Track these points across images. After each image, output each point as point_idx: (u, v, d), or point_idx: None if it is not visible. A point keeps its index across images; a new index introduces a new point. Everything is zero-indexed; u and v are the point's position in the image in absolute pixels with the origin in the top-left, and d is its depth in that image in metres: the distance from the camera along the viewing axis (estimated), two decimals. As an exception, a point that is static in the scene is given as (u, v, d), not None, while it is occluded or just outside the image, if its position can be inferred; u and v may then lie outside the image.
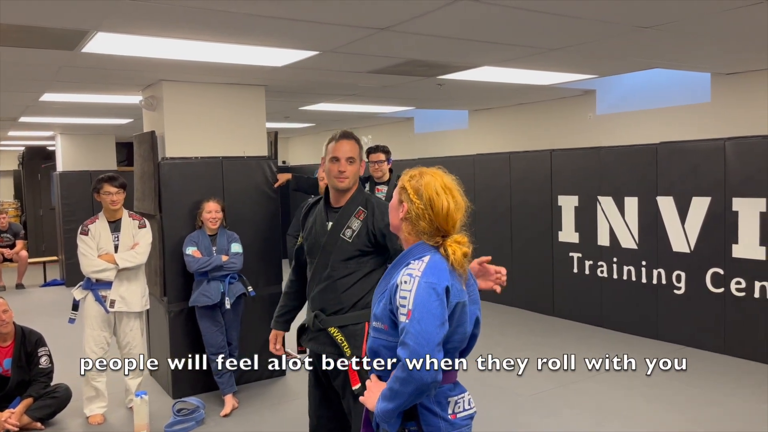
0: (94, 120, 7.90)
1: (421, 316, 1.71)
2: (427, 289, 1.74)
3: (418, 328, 1.70)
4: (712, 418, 4.11)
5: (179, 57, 3.92)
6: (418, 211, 1.84)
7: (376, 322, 1.88)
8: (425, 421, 1.81)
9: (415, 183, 1.87)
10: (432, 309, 1.72)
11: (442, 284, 1.76)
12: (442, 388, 1.84)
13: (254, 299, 4.92)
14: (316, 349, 2.75)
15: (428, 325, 1.70)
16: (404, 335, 1.72)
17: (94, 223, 4.31)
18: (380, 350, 1.86)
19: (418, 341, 1.69)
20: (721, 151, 5.27)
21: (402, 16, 3.12)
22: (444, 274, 1.79)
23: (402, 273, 1.81)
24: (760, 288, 5.07)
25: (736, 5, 3.06)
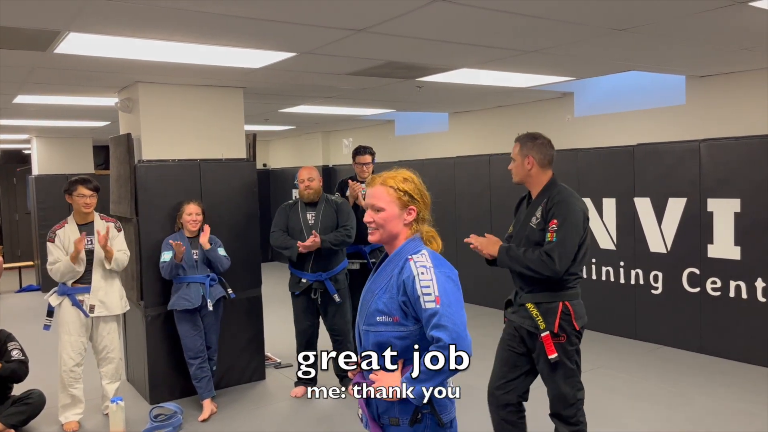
0: (71, 123, 7.79)
1: (450, 301, 1.87)
2: (446, 278, 1.90)
3: (450, 311, 1.85)
4: (688, 417, 4.15)
5: (155, 58, 3.88)
6: (424, 208, 2.03)
7: (382, 317, 1.95)
8: (437, 402, 1.93)
9: (411, 185, 2.03)
10: (456, 295, 1.90)
11: (455, 273, 1.94)
12: None
13: (233, 303, 4.88)
14: (517, 321, 3.06)
15: (458, 308, 1.88)
16: (438, 318, 1.84)
17: (63, 228, 4.22)
18: (390, 341, 1.94)
19: (455, 322, 1.84)
20: (696, 152, 5.34)
21: (378, 18, 3.11)
22: (449, 264, 1.96)
23: (412, 266, 1.91)
24: (735, 287, 5.14)
25: (708, 7, 3.10)
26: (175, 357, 4.69)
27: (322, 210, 4.63)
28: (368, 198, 2.06)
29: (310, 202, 4.65)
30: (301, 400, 4.67)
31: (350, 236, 4.58)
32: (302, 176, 4.67)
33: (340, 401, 4.61)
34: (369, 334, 1.99)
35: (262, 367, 5.20)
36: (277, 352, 5.70)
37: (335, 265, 4.61)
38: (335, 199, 4.75)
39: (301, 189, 4.66)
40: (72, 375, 4.21)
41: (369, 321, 1.99)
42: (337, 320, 4.65)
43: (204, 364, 4.46)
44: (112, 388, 4.38)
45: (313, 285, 4.57)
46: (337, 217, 4.63)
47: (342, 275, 4.68)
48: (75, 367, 4.21)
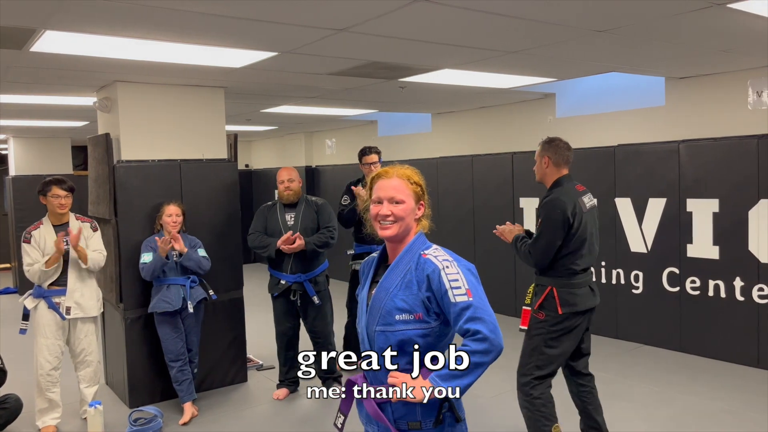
0: (48, 123, 7.67)
1: (480, 294, 1.86)
2: (468, 272, 1.89)
3: (482, 303, 1.84)
4: (668, 415, 4.19)
5: (134, 57, 3.82)
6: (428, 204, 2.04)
7: (402, 315, 1.89)
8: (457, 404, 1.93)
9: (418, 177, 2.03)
10: (480, 287, 1.89)
11: (473, 267, 1.92)
12: None
13: (215, 305, 4.84)
14: None
15: (485, 300, 1.86)
16: (473, 311, 1.81)
17: (38, 228, 4.15)
18: (414, 339, 1.87)
19: (489, 312, 1.83)
20: (675, 153, 5.40)
21: (359, 18, 3.10)
22: (463, 258, 1.94)
23: (434, 260, 1.89)
24: (714, 286, 5.20)
25: (687, 9, 3.12)
26: (155, 360, 4.63)
27: (302, 211, 4.60)
28: (385, 190, 1.97)
29: (290, 203, 4.62)
30: (283, 403, 4.64)
31: (333, 237, 4.56)
32: (282, 177, 4.63)
33: (323, 403, 4.59)
34: (385, 335, 1.91)
35: (243, 369, 5.15)
36: (259, 354, 5.66)
37: (315, 266, 4.57)
38: (315, 200, 4.73)
39: (280, 190, 4.62)
40: (49, 379, 4.14)
41: (385, 321, 1.91)
42: (318, 322, 4.61)
43: (185, 367, 4.41)
44: (90, 392, 4.31)
45: (293, 286, 4.53)
46: (318, 218, 4.60)
47: (322, 277, 4.65)
48: (52, 370, 4.14)
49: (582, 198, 3.35)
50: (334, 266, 4.67)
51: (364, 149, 5.15)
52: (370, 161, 5.08)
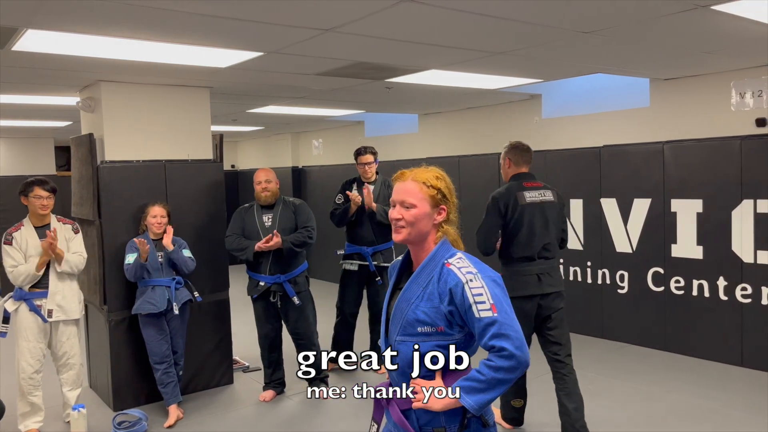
0: (31, 123, 7.58)
1: (505, 308, 1.79)
2: (494, 284, 1.82)
3: (508, 318, 1.78)
4: (651, 414, 4.22)
5: (117, 56, 3.79)
6: (453, 209, 1.93)
7: (424, 327, 1.85)
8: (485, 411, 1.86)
9: (443, 182, 1.94)
10: (506, 299, 1.82)
11: (499, 277, 1.85)
12: None
13: (200, 307, 4.81)
14: None
15: (512, 314, 1.80)
16: (498, 328, 1.76)
17: (19, 230, 4.08)
18: (435, 350, 1.84)
19: (515, 329, 1.77)
20: (659, 153, 5.44)
21: (346, 18, 3.09)
22: (490, 268, 1.87)
23: (457, 272, 1.82)
24: (698, 286, 5.25)
25: (672, 10, 3.15)
26: (139, 362, 4.59)
27: (280, 212, 4.55)
28: (397, 194, 1.92)
29: (267, 204, 4.57)
30: (269, 404, 4.61)
31: (312, 237, 4.52)
32: (259, 178, 4.58)
33: (309, 405, 4.57)
34: (407, 344, 1.87)
35: (230, 371, 5.12)
36: (245, 355, 5.62)
37: (294, 267, 4.52)
38: (293, 200, 4.68)
39: (257, 191, 4.57)
40: (31, 382, 4.08)
41: (407, 332, 1.87)
42: (300, 323, 4.58)
43: (170, 369, 4.37)
44: (73, 395, 4.26)
45: (272, 288, 4.48)
46: (296, 218, 4.57)
47: (302, 278, 4.60)
48: (34, 374, 4.08)
49: (524, 192, 3.71)
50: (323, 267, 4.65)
51: (359, 149, 5.15)
52: (364, 161, 5.08)
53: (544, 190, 3.81)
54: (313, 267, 9.87)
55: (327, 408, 4.52)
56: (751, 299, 4.95)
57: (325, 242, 6.67)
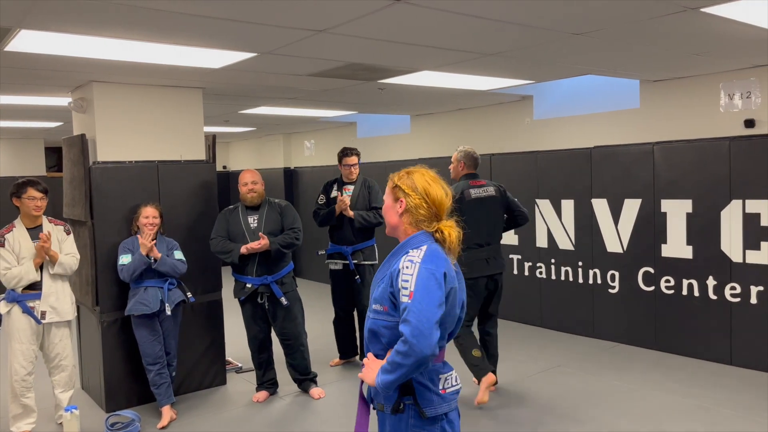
0: (22, 123, 7.53)
1: (422, 297, 1.91)
2: (427, 274, 1.94)
3: (419, 307, 1.90)
4: (642, 411, 4.25)
5: (110, 57, 3.78)
6: (416, 202, 2.07)
7: (376, 305, 2.06)
8: (420, 395, 2.02)
9: (407, 181, 2.12)
10: (432, 291, 1.92)
11: (440, 270, 1.96)
12: (435, 366, 2.06)
13: (193, 308, 4.81)
14: None
15: (428, 305, 1.90)
16: (406, 314, 1.91)
17: (11, 231, 4.04)
18: (379, 330, 2.03)
19: (419, 319, 1.88)
20: (649, 154, 5.49)
21: (339, 19, 3.11)
22: (441, 262, 1.99)
23: (403, 260, 2.00)
24: (688, 285, 5.30)
25: (662, 12, 3.18)
26: (132, 363, 4.58)
27: (265, 213, 4.54)
28: None
29: (253, 205, 4.56)
30: (262, 405, 4.62)
31: (299, 238, 4.53)
32: (245, 179, 4.57)
33: (302, 405, 4.58)
34: (368, 320, 2.10)
35: (222, 372, 5.12)
36: (238, 356, 5.62)
37: (281, 268, 4.52)
38: (279, 202, 4.68)
39: (243, 192, 4.55)
40: (23, 384, 4.06)
41: (371, 309, 2.09)
42: (287, 324, 4.57)
43: (163, 370, 4.36)
44: (66, 396, 4.24)
45: (259, 289, 4.48)
46: (282, 220, 4.57)
47: (288, 278, 4.60)
48: (27, 376, 4.06)
49: (470, 190, 4.47)
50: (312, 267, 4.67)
51: (344, 150, 5.19)
52: (350, 163, 5.14)
53: (487, 186, 4.55)
54: (302, 267, 9.88)
55: (319, 408, 4.52)
56: (740, 298, 5.01)
57: (314, 243, 6.67)
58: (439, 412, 2.03)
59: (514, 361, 5.40)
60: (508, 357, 5.53)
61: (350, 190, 5.19)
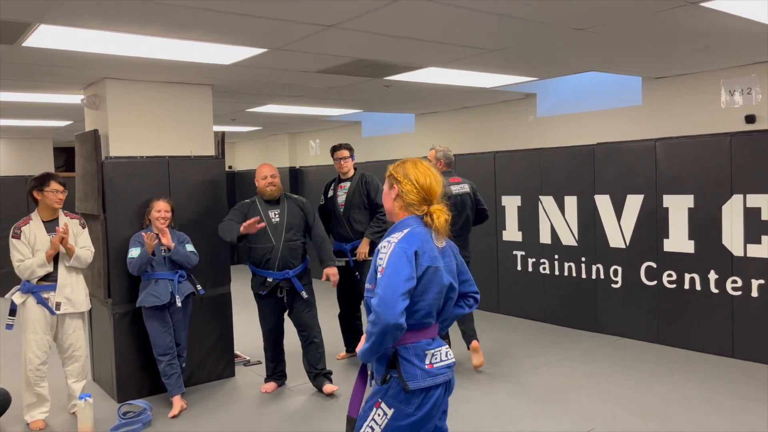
0: (32, 122, 7.64)
1: (392, 272, 2.11)
2: (399, 252, 2.15)
3: (387, 281, 2.10)
4: (643, 403, 4.32)
5: (124, 53, 3.87)
6: (407, 188, 2.29)
7: (368, 284, 2.25)
8: (404, 369, 2.18)
9: (400, 169, 2.34)
10: (400, 267, 2.12)
11: (412, 248, 2.16)
12: (420, 343, 2.22)
13: (202, 300, 4.89)
14: None
15: (396, 278, 2.10)
16: (377, 287, 2.13)
17: (28, 224, 4.13)
18: (370, 305, 2.19)
19: (386, 291, 2.09)
20: (652, 151, 5.56)
21: (348, 14, 3.19)
22: (415, 242, 2.19)
23: (383, 241, 2.24)
24: (689, 279, 5.37)
25: (662, 8, 3.26)
26: (143, 355, 4.66)
27: (287, 207, 4.59)
28: None
29: (271, 199, 4.59)
30: (271, 396, 4.69)
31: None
32: (264, 172, 4.61)
33: (310, 396, 4.65)
34: (365, 297, 2.27)
35: (231, 364, 5.20)
36: (246, 349, 5.70)
37: (300, 262, 4.60)
38: (298, 198, 4.74)
39: (262, 185, 4.58)
40: (37, 374, 4.15)
41: (366, 288, 2.27)
42: (304, 315, 4.63)
43: (173, 361, 4.44)
44: (79, 386, 4.32)
45: (280, 284, 4.53)
46: (306, 215, 4.63)
47: (306, 272, 4.68)
48: (40, 365, 4.15)
49: (451, 187, 4.85)
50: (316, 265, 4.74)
51: (335, 145, 5.33)
52: (340, 156, 5.25)
53: (462, 184, 4.99)
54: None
55: (327, 399, 4.60)
56: (741, 292, 5.07)
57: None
58: (421, 386, 2.18)
59: (517, 355, 5.47)
60: (512, 352, 5.60)
61: (345, 187, 5.28)
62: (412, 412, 2.17)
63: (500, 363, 5.26)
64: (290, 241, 4.52)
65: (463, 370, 5.01)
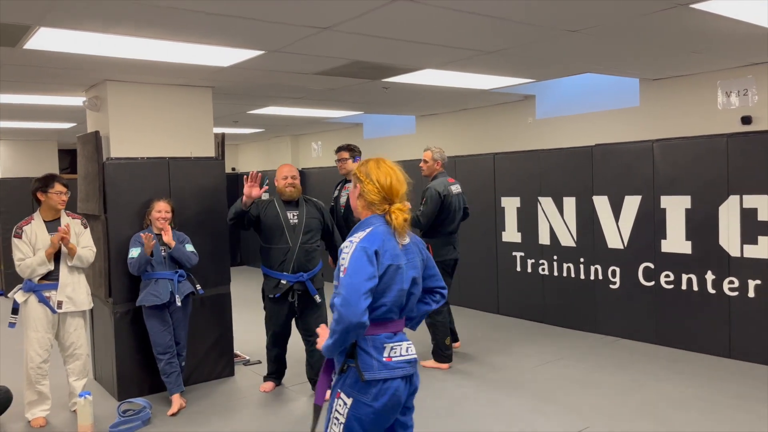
0: (36, 124, 7.73)
1: (353, 272, 2.18)
2: (360, 252, 2.22)
3: (349, 281, 2.17)
4: (640, 401, 4.34)
5: (124, 55, 3.94)
6: (368, 187, 2.36)
7: (334, 282, 2.33)
8: (361, 360, 2.26)
9: (363, 168, 2.44)
10: (361, 266, 2.19)
11: (372, 248, 2.23)
12: (380, 336, 2.29)
13: (202, 300, 4.93)
14: None
15: (357, 278, 2.17)
16: (339, 286, 2.20)
17: (29, 224, 4.20)
18: (334, 303, 2.25)
19: (348, 290, 2.16)
20: (649, 152, 5.59)
21: (342, 16, 3.24)
22: (376, 241, 2.26)
23: (346, 240, 2.30)
24: (687, 280, 5.38)
25: (652, 9, 3.30)
26: (143, 353, 4.71)
27: (305, 209, 4.54)
28: None
29: (290, 200, 4.49)
30: (269, 395, 4.73)
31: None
32: (284, 173, 4.51)
33: (309, 396, 4.69)
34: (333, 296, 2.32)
35: (231, 363, 5.24)
36: (246, 349, 5.75)
37: (314, 265, 4.53)
38: (315, 200, 4.72)
39: (282, 185, 4.48)
40: (39, 371, 4.20)
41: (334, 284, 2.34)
42: (313, 321, 4.52)
43: (173, 360, 4.49)
44: (80, 384, 4.37)
45: (294, 286, 4.45)
46: (324, 218, 4.61)
47: (319, 275, 4.61)
48: (42, 363, 4.20)
49: (450, 187, 5.12)
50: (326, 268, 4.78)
51: (338, 147, 5.36)
52: (340, 158, 5.27)
53: (456, 184, 5.27)
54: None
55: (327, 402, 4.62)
56: (738, 292, 5.09)
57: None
58: (377, 377, 2.25)
59: (516, 355, 5.49)
60: (511, 351, 5.63)
61: (348, 188, 5.32)
62: (369, 402, 2.24)
63: (498, 363, 5.29)
64: (307, 243, 4.47)
65: (461, 370, 5.04)
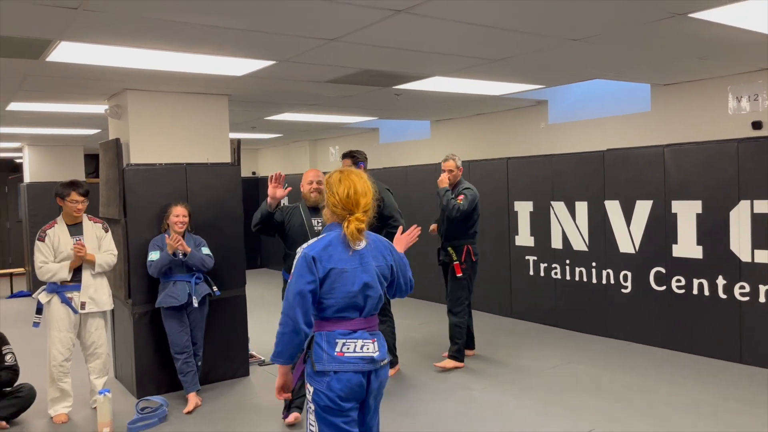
0: (62, 130, 7.99)
1: (295, 279, 2.40)
2: (301, 258, 2.42)
3: (291, 287, 2.40)
4: (648, 404, 4.36)
5: (142, 66, 4.09)
6: (330, 199, 2.53)
7: None
8: (315, 352, 2.45)
9: (329, 179, 2.58)
10: (301, 272, 2.40)
11: (311, 254, 2.42)
12: (334, 332, 2.44)
13: (218, 302, 5.07)
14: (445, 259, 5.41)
15: (296, 283, 2.39)
16: (286, 292, 2.43)
17: (53, 227, 4.40)
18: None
19: (288, 294, 2.40)
20: (660, 157, 5.60)
21: (347, 29, 3.35)
22: (317, 247, 2.44)
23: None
24: (698, 285, 5.38)
25: (650, 19, 3.34)
26: (161, 353, 4.87)
27: None
28: None
29: (314, 205, 4.30)
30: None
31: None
32: (310, 177, 4.35)
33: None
34: None
35: (246, 364, 5.38)
36: (261, 350, 5.88)
37: None
38: None
39: (307, 190, 4.32)
40: (61, 369, 4.38)
41: None
42: None
43: (189, 359, 4.64)
44: (100, 382, 4.54)
45: None
46: None
47: None
48: (64, 361, 4.38)
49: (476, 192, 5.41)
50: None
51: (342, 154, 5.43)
52: (343, 165, 5.32)
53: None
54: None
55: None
56: (749, 297, 5.08)
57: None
58: (326, 369, 2.40)
59: (526, 358, 5.54)
60: (522, 354, 5.68)
61: None
62: (324, 390, 2.39)
63: (508, 365, 5.35)
64: None
65: (469, 371, 5.10)
